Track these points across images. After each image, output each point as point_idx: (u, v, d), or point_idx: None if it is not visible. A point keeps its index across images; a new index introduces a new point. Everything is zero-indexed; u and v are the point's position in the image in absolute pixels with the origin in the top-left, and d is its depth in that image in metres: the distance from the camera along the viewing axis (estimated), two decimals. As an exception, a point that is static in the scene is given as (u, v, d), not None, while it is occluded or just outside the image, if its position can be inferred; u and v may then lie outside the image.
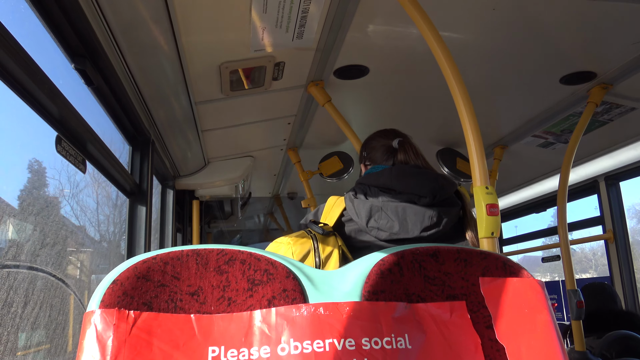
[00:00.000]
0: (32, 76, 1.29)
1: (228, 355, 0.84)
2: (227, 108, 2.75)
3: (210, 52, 2.10)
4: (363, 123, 3.12)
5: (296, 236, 1.58)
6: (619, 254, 3.78)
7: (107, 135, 2.05)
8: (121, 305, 0.84)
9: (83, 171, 1.69)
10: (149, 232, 2.38)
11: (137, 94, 2.11)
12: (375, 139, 1.87)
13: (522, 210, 5.15)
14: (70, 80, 1.69)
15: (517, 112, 3.08)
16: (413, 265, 1.00)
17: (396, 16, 1.96)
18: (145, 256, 0.91)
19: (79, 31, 1.51)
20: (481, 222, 1.49)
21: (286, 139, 3.52)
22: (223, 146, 3.46)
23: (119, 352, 0.80)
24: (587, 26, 2.06)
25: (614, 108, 2.86)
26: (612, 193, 3.86)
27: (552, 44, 2.21)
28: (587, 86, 2.63)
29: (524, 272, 1.02)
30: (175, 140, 2.90)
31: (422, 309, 0.94)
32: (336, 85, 2.58)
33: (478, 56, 2.32)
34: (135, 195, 2.38)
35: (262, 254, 0.97)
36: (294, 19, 1.90)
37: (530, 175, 4.34)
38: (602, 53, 2.30)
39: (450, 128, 3.30)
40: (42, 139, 1.48)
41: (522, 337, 0.93)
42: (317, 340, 0.85)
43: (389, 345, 0.87)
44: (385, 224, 1.56)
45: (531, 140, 3.45)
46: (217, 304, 0.90)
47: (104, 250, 2.67)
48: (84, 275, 2.30)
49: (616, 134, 3.24)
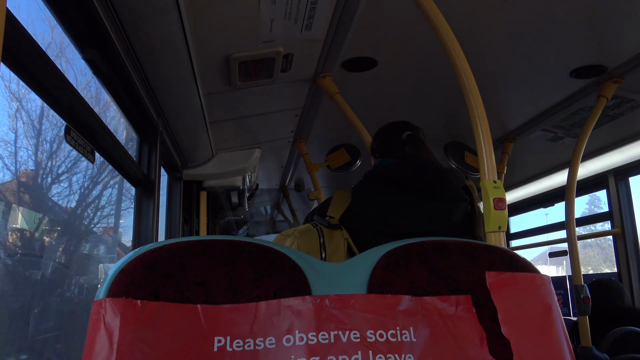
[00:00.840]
0: (42, 66, 1.29)
1: (234, 345, 0.84)
2: (235, 99, 2.75)
3: (219, 43, 2.10)
4: (371, 115, 3.11)
5: (302, 229, 1.58)
6: (628, 249, 3.75)
7: (116, 126, 2.06)
8: (128, 295, 0.85)
9: (92, 161, 1.70)
10: (156, 222, 2.39)
11: (145, 85, 2.12)
12: (386, 131, 1.86)
13: (530, 205, 5.13)
14: (80, 70, 1.70)
15: (526, 105, 3.05)
16: (419, 259, 1.00)
17: (405, 8, 1.95)
18: (152, 246, 0.92)
19: (88, 21, 1.51)
20: (488, 216, 1.49)
21: (294, 131, 3.51)
22: (231, 137, 3.47)
23: (126, 341, 0.81)
24: (597, 19, 2.04)
25: (625, 102, 2.83)
26: (621, 188, 3.83)
27: (563, 37, 2.19)
28: (597, 80, 2.61)
29: (530, 266, 1.02)
30: (183, 131, 2.91)
31: (427, 303, 0.94)
32: (344, 78, 2.57)
33: (487, 49, 2.30)
34: (143, 185, 2.39)
35: (269, 245, 0.98)
36: (303, 10, 1.89)
37: (538, 169, 4.32)
38: (613, 46, 2.28)
39: (458, 121, 3.28)
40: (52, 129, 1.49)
41: (528, 331, 0.93)
42: (322, 332, 0.85)
43: (394, 337, 0.87)
44: (392, 218, 1.56)
45: (540, 134, 3.43)
46: (224, 294, 0.91)
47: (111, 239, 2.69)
48: (92, 264, 2.32)
49: (626, 128, 3.21)
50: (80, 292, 2.02)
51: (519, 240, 5.47)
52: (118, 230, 2.85)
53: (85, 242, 2.27)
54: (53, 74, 1.36)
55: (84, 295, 2.01)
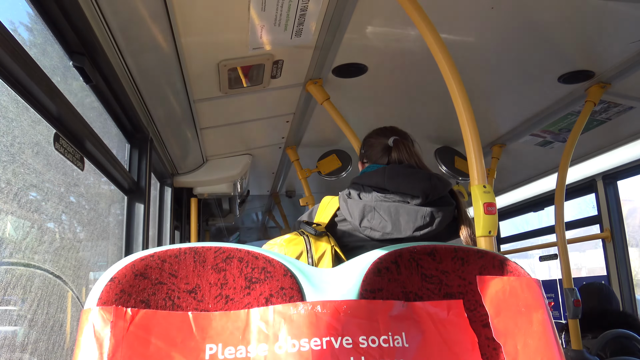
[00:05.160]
0: (30, 73, 1.29)
1: (225, 353, 0.84)
2: (226, 106, 2.75)
3: (209, 50, 2.10)
4: (361, 121, 3.12)
5: (289, 237, 1.58)
6: (616, 253, 3.78)
7: (105, 133, 2.05)
8: (119, 303, 0.85)
9: (81, 169, 1.69)
10: (147, 229, 2.38)
11: (135, 92, 2.11)
12: (373, 137, 1.87)
13: (520, 209, 5.16)
14: (69, 78, 1.69)
15: (515, 110, 3.08)
16: (410, 264, 1.00)
17: (395, 15, 1.96)
18: (143, 254, 0.92)
19: (78, 28, 1.50)
20: (479, 220, 1.49)
21: (285, 137, 3.52)
22: (221, 144, 3.46)
23: (117, 350, 0.80)
24: (585, 25, 2.07)
25: (612, 107, 2.87)
26: (609, 192, 3.87)
27: (551, 42, 2.22)
28: (585, 85, 2.64)
29: (521, 270, 1.03)
30: (174, 138, 2.90)
31: (419, 308, 0.95)
32: (335, 84, 2.58)
33: (476, 55, 2.32)
34: (134, 193, 2.38)
35: (260, 252, 0.98)
36: (293, 17, 1.90)
37: (528, 174, 4.35)
38: (601, 52, 2.31)
39: (448, 126, 3.30)
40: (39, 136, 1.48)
41: (519, 335, 0.93)
42: (314, 339, 0.85)
43: (386, 343, 0.87)
44: (378, 224, 1.57)
45: (529, 139, 3.46)
46: (215, 301, 0.90)
47: (101, 247, 2.67)
48: (81, 272, 2.30)
49: (614, 132, 3.24)
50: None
51: (509, 244, 5.49)
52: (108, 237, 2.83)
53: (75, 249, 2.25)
54: (41, 82, 1.35)
55: (72, 303, 1.99)
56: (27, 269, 1.43)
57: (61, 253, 1.70)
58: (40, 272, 1.51)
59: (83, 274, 1.95)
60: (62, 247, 1.72)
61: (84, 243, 2.01)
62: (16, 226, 1.41)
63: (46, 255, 1.57)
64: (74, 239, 1.89)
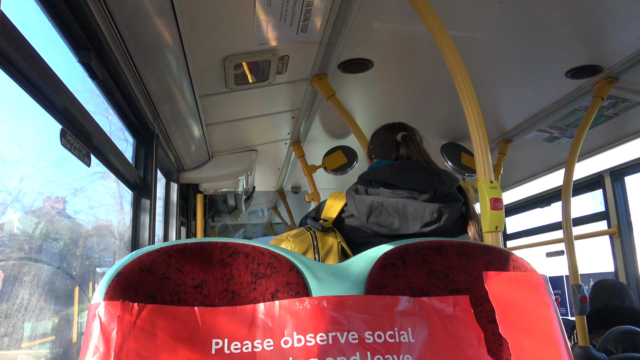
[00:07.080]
0: (38, 69, 1.29)
1: (231, 347, 0.84)
2: (231, 102, 2.75)
3: (215, 46, 2.10)
4: (367, 117, 3.12)
5: (295, 233, 1.58)
6: (624, 249, 3.76)
7: (112, 129, 2.05)
8: (125, 298, 0.85)
9: (88, 164, 1.70)
10: (153, 225, 2.39)
11: (141, 88, 2.12)
12: (382, 133, 1.87)
13: (527, 205, 5.14)
14: (75, 74, 1.70)
15: (522, 106, 3.06)
16: (417, 259, 1.00)
17: (401, 10, 1.95)
18: (149, 249, 0.92)
19: (84, 25, 1.51)
20: (485, 216, 1.49)
21: (290, 133, 3.51)
22: (227, 140, 3.47)
23: (123, 344, 0.80)
24: (592, 20, 2.05)
25: (620, 102, 2.85)
26: (617, 188, 3.84)
27: (558, 37, 2.20)
28: (593, 80, 2.62)
29: (527, 266, 1.02)
30: (180, 134, 2.90)
31: (425, 303, 0.94)
32: (340, 79, 2.58)
33: (483, 50, 2.31)
34: (140, 188, 2.38)
35: (266, 247, 0.98)
36: (299, 13, 1.89)
37: (535, 169, 4.33)
38: (608, 47, 2.29)
39: (454, 122, 3.29)
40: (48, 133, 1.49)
41: (525, 331, 0.93)
42: (320, 334, 0.85)
43: (392, 338, 0.87)
44: (386, 220, 1.56)
45: (536, 135, 3.44)
46: (221, 297, 0.91)
47: (109, 243, 2.69)
48: (89, 267, 2.32)
49: (622, 128, 3.22)
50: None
51: (516, 240, 5.47)
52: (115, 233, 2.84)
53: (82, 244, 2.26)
54: (48, 78, 1.35)
55: (80, 298, 2.01)
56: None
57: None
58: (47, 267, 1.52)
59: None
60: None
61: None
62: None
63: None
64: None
